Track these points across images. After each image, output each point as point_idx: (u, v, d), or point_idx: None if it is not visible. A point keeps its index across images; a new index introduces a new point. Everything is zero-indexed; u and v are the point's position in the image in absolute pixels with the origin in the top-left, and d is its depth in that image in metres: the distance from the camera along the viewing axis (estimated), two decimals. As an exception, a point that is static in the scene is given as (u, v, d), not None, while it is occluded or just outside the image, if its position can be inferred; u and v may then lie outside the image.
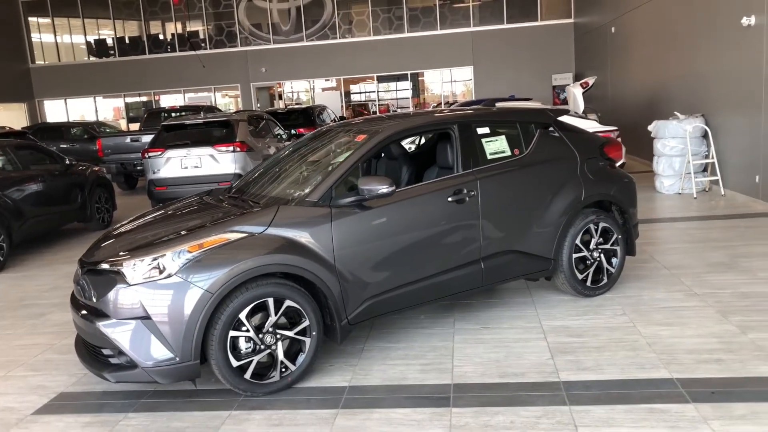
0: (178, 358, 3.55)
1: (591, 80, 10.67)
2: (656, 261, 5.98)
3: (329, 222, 3.92)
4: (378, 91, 24.42)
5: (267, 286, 3.71)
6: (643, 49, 13.28)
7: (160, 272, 3.57)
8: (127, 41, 25.17)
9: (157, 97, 24.88)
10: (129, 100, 25.01)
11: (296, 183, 4.38)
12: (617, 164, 9.84)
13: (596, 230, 4.98)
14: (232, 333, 3.64)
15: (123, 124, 24.48)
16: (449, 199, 4.32)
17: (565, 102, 21.88)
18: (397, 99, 24.25)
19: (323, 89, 24.79)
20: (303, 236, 3.85)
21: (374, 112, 24.70)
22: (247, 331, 3.68)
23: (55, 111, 25.50)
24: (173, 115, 17.98)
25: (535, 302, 5.07)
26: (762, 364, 3.69)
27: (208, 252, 3.63)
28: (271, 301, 3.72)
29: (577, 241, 4.89)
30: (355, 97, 25.16)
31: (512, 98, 17.77)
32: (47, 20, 24.99)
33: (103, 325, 3.61)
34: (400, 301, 4.21)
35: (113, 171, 14.96)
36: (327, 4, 23.17)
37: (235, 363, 3.66)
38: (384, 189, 3.95)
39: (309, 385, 3.89)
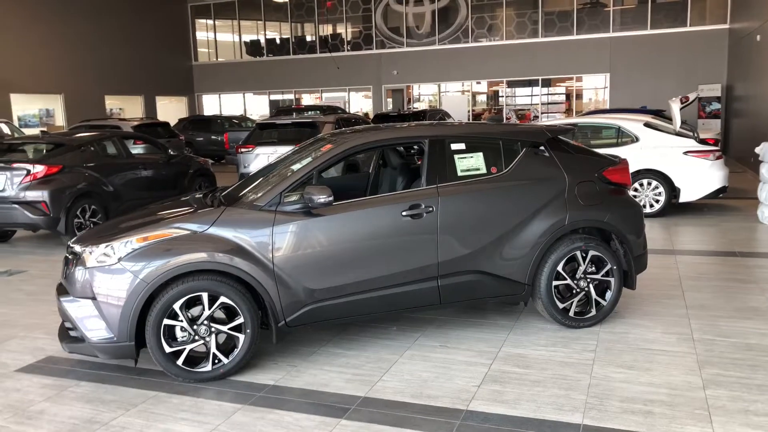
0: (115, 338, 3.95)
1: (692, 95, 9.74)
2: (683, 297, 5.43)
3: (271, 226, 4.10)
4: (506, 96, 23.92)
5: (202, 281, 3.98)
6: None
7: (109, 258, 3.98)
8: (278, 42, 27.02)
9: (297, 96, 26.44)
10: (273, 97, 26.81)
11: (263, 186, 4.58)
12: (716, 190, 8.92)
13: (584, 258, 4.67)
14: (167, 321, 3.96)
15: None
16: (403, 213, 4.31)
17: (711, 115, 20.05)
18: (548, 104, 23.47)
19: (463, 91, 24.74)
20: (242, 238, 4.07)
21: (507, 118, 24.28)
22: (181, 321, 3.98)
23: (210, 105, 28.05)
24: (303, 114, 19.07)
25: (515, 327, 4.86)
26: (692, 425, 3.30)
27: (151, 244, 3.98)
28: (205, 295, 3.99)
29: (559, 268, 4.62)
30: (485, 103, 24.87)
31: (643, 109, 16.62)
32: (210, 21, 27.56)
33: (63, 300, 4.10)
34: (346, 309, 4.28)
35: (236, 162, 16.24)
36: (461, 8, 23.14)
37: (168, 349, 3.98)
38: (322, 199, 4.06)
39: (240, 378, 4.11)
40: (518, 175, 4.60)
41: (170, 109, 26.72)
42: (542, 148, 4.75)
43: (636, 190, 9.37)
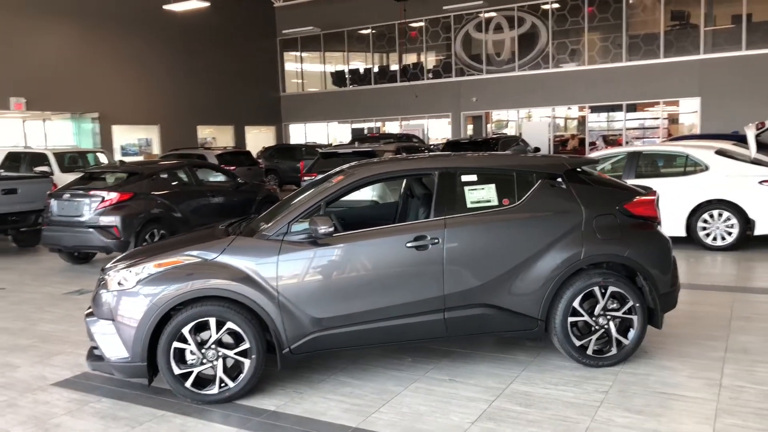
0: (130, 358, 4.19)
1: (768, 120, 9.09)
2: (726, 339, 5.06)
3: (276, 255, 4.24)
4: (593, 122, 23.24)
5: (210, 307, 4.16)
6: None
7: (127, 282, 4.25)
8: (361, 72, 27.73)
9: (381, 124, 26.94)
10: (355, 125, 27.46)
11: (275, 216, 4.71)
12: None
13: (603, 294, 4.48)
14: (176, 344, 4.16)
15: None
16: (408, 244, 4.32)
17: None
18: (644, 129, 22.63)
19: (569, 117, 24.32)
20: (249, 266, 4.22)
21: (591, 143, 23.64)
22: (190, 345, 4.17)
23: (297, 134, 29.10)
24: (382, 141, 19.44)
25: (532, 363, 4.72)
26: (682, 478, 3.08)
27: (164, 271, 4.22)
28: (213, 321, 4.17)
29: (575, 304, 4.46)
30: (573, 128, 24.28)
31: (734, 135, 15.69)
32: (297, 54, 28.72)
33: (88, 321, 4.41)
34: (350, 339, 4.33)
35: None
36: (542, 34, 22.86)
37: (177, 371, 4.17)
38: (322, 229, 4.15)
39: (245, 402, 4.23)
40: (531, 207, 4.50)
41: (259, 138, 27.96)
42: (559, 180, 4.63)
43: (706, 221, 8.84)
